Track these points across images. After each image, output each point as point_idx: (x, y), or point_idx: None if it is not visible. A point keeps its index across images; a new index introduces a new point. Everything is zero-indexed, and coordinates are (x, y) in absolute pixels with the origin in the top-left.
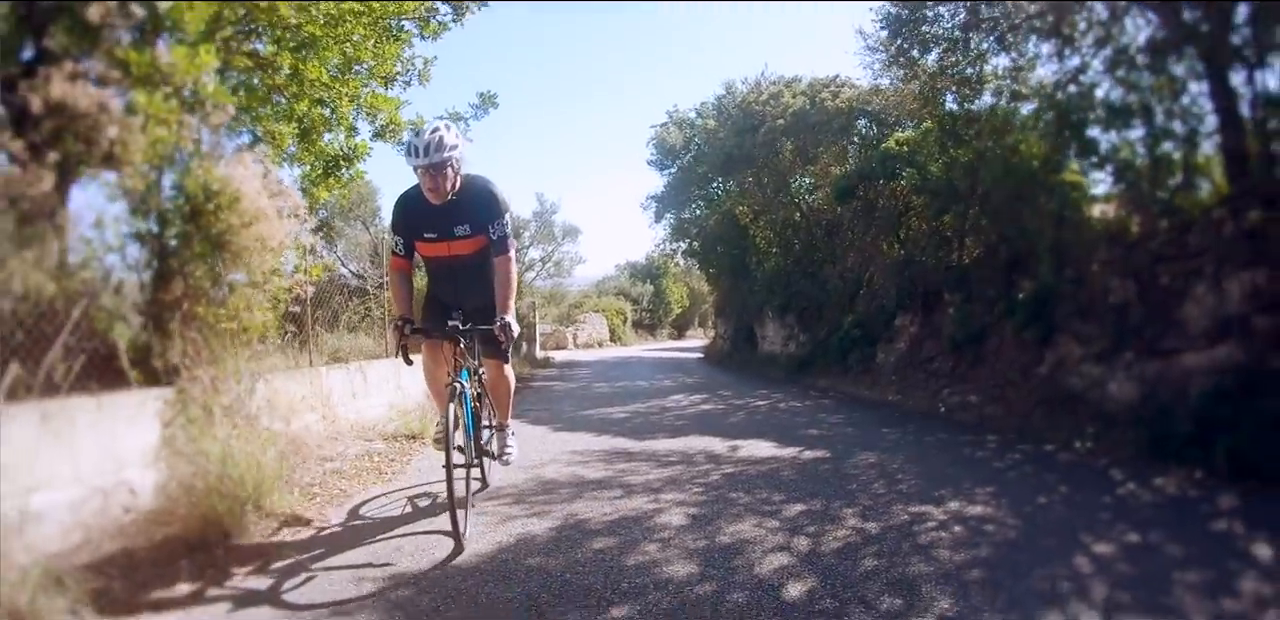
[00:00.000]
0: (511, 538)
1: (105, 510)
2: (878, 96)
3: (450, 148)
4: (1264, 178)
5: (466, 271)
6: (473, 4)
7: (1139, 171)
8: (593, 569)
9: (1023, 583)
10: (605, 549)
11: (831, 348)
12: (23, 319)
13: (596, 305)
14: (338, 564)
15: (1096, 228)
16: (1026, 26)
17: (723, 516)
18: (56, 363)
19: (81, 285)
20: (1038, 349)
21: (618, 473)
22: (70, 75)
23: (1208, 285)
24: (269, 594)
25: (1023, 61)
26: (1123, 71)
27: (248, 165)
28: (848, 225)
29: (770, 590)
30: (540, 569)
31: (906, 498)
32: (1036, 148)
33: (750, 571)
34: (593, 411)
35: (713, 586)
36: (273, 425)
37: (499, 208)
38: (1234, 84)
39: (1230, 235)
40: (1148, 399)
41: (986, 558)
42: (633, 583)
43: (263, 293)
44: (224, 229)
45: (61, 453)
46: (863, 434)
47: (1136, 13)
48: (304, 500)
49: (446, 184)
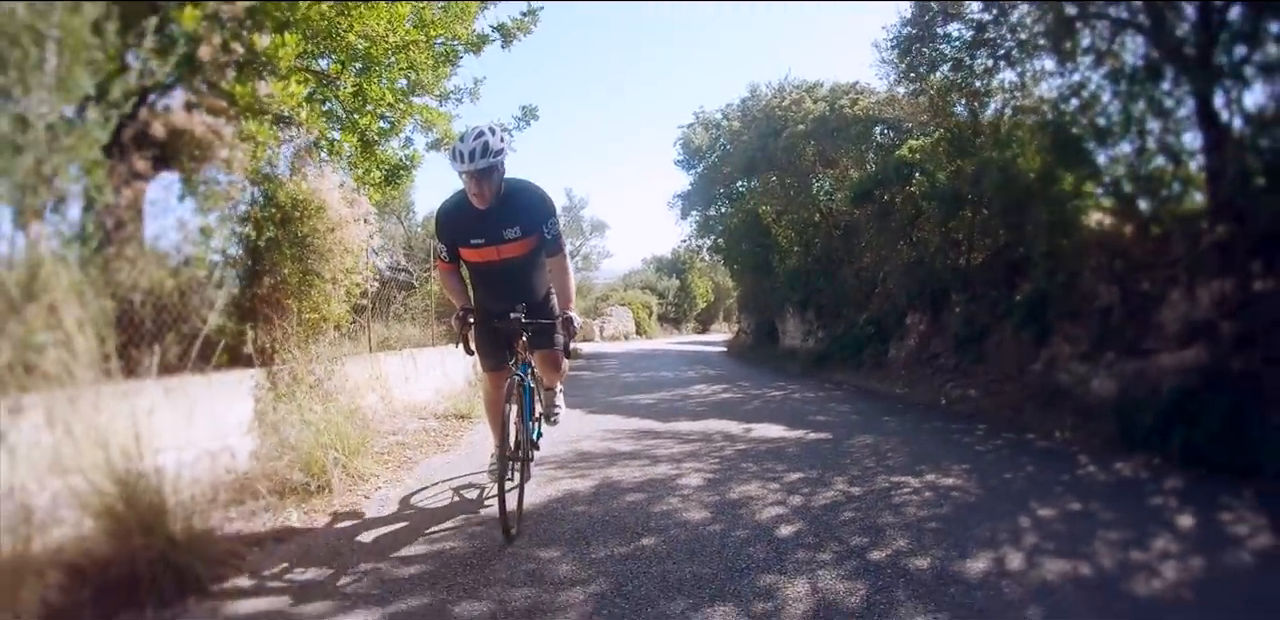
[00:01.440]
0: (559, 493)
1: (213, 469)
2: (892, 106)
3: (496, 153)
4: (1236, 194)
5: (518, 273)
6: (519, 33)
7: (1128, 185)
8: (626, 514)
9: (969, 532)
10: (636, 501)
11: (847, 343)
12: (147, 309)
13: (623, 299)
14: (417, 506)
15: (1086, 236)
16: (1031, 44)
17: (733, 480)
18: (173, 346)
19: (192, 281)
20: (1033, 348)
21: (645, 447)
22: (185, 105)
23: (1182, 292)
24: (370, 522)
25: (1027, 77)
26: (1117, 88)
27: (329, 178)
28: (864, 227)
29: (766, 530)
30: (584, 513)
31: (890, 470)
32: (1034, 161)
33: (751, 518)
34: (621, 398)
35: (721, 526)
36: (349, 402)
37: (549, 207)
38: (1217, 105)
39: (1203, 247)
40: (1123, 395)
41: (944, 515)
42: (658, 523)
43: (339, 288)
44: (309, 233)
45: (179, 421)
46: (865, 421)
47: (1133, 33)
48: (379, 465)
49: (492, 188)
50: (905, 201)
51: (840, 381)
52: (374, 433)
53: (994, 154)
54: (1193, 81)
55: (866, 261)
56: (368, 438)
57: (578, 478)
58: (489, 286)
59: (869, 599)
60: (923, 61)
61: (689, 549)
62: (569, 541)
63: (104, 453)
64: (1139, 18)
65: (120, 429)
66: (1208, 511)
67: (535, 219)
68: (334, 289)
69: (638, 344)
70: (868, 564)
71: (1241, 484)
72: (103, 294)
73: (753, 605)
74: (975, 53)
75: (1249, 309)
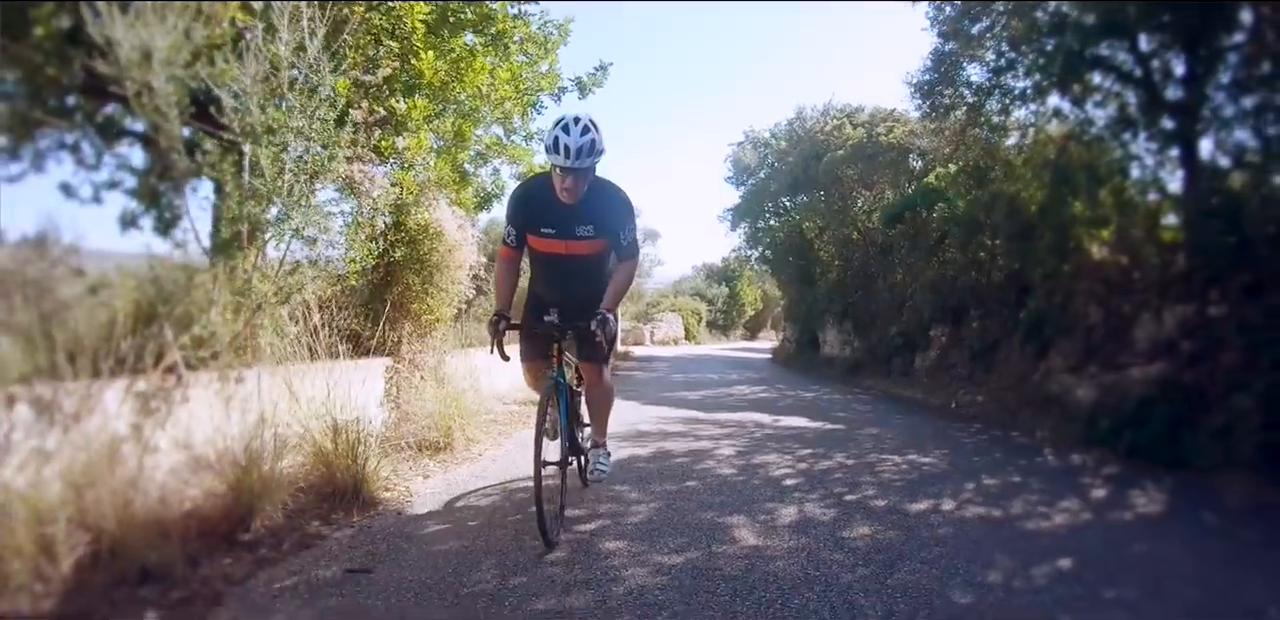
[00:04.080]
0: (624, 456)
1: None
2: (921, 137)
3: (599, 153)
4: (1200, 230)
5: (580, 272)
6: (593, 87)
7: (1116, 218)
8: (675, 468)
9: (923, 489)
10: (682, 462)
11: (878, 353)
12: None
13: (673, 305)
14: (514, 460)
15: (1079, 263)
16: (1040, 87)
17: (756, 452)
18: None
19: (347, 290)
20: (1033, 360)
21: (690, 429)
22: (346, 159)
23: (1151, 315)
24: (479, 468)
25: (1040, 117)
26: (1115, 130)
27: (445, 209)
28: (897, 246)
29: (774, 481)
30: (644, 468)
31: (882, 450)
32: (1038, 194)
33: (766, 474)
34: (670, 394)
35: (743, 477)
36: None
37: (630, 212)
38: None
39: (1169, 276)
40: (1097, 402)
41: (911, 479)
42: (698, 474)
43: (450, 295)
44: (428, 252)
45: (339, 393)
46: (878, 418)
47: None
48: (483, 434)
49: (584, 186)
50: (931, 225)
51: (869, 387)
52: (472, 412)
53: (1005, 186)
54: (1181, 127)
55: (898, 278)
56: (471, 414)
57: (638, 447)
58: (547, 280)
59: (836, 519)
60: (943, 104)
61: (719, 488)
62: (635, 482)
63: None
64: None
65: (319, 394)
66: (1122, 489)
67: (613, 222)
68: (445, 296)
69: (686, 349)
70: (841, 501)
71: (1166, 473)
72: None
73: (757, 517)
74: (990, 94)
75: (1202, 332)
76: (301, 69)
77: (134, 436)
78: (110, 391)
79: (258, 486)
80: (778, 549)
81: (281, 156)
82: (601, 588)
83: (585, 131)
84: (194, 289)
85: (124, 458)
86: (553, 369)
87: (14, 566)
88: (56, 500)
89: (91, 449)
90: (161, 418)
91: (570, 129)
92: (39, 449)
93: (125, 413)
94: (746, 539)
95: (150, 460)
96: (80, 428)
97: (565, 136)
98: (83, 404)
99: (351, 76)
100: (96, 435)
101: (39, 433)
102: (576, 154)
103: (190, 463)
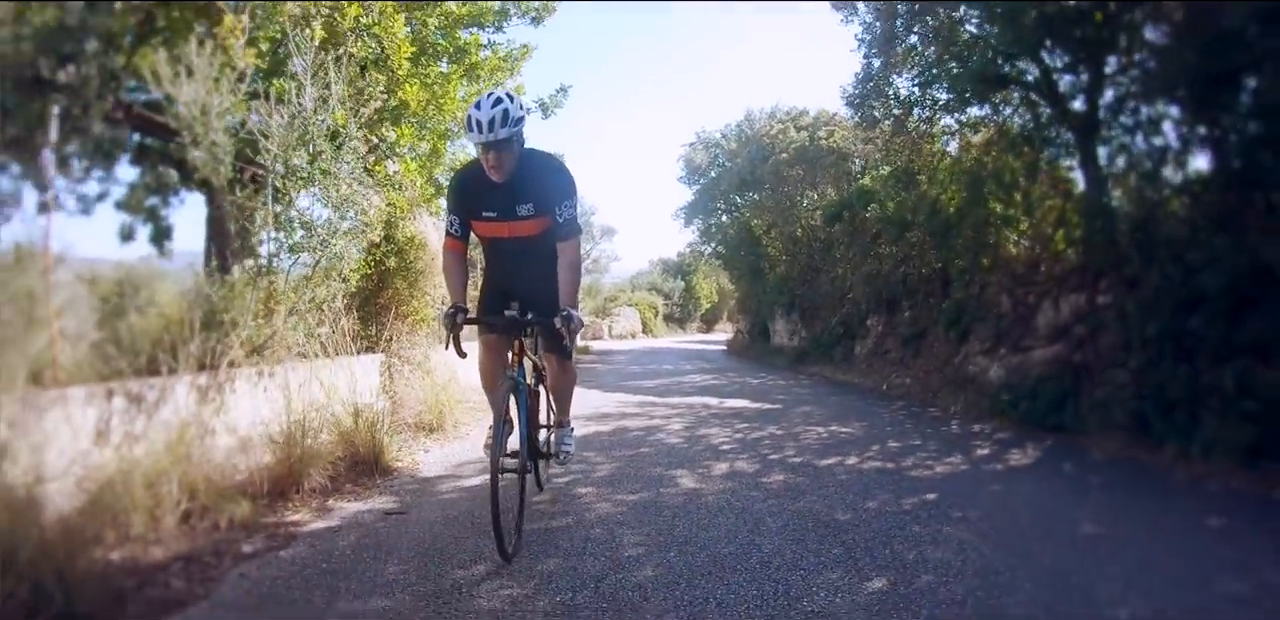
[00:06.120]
0: (588, 432)
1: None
2: (857, 143)
3: (515, 122)
4: (1095, 230)
5: (527, 256)
6: (554, 108)
7: (1024, 218)
8: (632, 439)
9: (835, 450)
10: (637, 435)
11: (822, 341)
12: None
13: (630, 299)
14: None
15: (992, 258)
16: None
17: (700, 426)
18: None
19: (345, 293)
20: (955, 345)
21: (645, 410)
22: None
23: (1051, 303)
24: (468, 444)
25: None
26: (1024, 139)
27: (426, 222)
28: (837, 243)
29: (713, 447)
30: (606, 440)
31: (809, 424)
32: (955, 197)
33: (707, 442)
34: (629, 383)
35: (687, 445)
36: (440, 377)
37: (568, 187)
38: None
39: (1067, 269)
40: (1004, 380)
41: (828, 443)
42: (650, 443)
43: (432, 298)
44: (413, 259)
45: (343, 384)
46: (815, 399)
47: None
48: (467, 417)
49: (511, 161)
50: (867, 223)
51: (814, 373)
52: (456, 400)
53: (927, 190)
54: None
55: (839, 272)
56: (456, 401)
57: (600, 426)
58: (499, 267)
59: (758, 470)
60: (871, 115)
61: (667, 452)
62: (599, 449)
63: (339, 395)
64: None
65: (340, 384)
66: (1005, 448)
67: (549, 198)
68: (429, 299)
69: (644, 342)
70: (765, 459)
71: (1049, 436)
72: (318, 306)
73: (695, 471)
74: (916, 105)
75: (1090, 317)
76: (325, 118)
77: (200, 421)
78: (180, 385)
79: (303, 458)
80: (710, 490)
81: (310, 189)
82: (578, 514)
83: (496, 103)
84: (237, 299)
85: (196, 438)
86: (512, 368)
87: (134, 520)
88: (160, 469)
89: (169, 431)
90: (218, 406)
91: (481, 104)
92: (129, 432)
93: (190, 403)
94: (686, 484)
95: (214, 441)
96: (159, 415)
97: (476, 111)
98: (161, 395)
99: (349, 107)
100: (172, 420)
101: (129, 419)
102: (489, 126)
103: (246, 441)
